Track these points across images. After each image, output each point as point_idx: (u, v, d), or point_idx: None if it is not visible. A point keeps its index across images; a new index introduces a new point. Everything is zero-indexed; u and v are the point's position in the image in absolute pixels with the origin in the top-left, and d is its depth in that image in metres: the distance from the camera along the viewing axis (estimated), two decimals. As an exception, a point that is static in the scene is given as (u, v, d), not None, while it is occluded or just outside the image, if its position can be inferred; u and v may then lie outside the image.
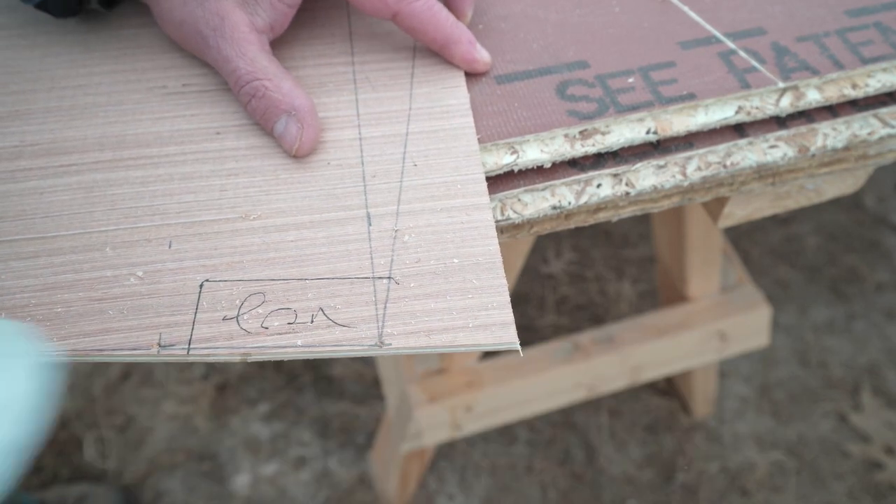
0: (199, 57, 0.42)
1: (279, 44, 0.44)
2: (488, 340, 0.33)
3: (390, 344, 0.33)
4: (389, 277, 0.35)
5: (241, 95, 0.40)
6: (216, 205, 0.38)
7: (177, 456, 1.14)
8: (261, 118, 0.39)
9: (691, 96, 0.43)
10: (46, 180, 0.38)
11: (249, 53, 0.39)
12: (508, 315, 0.34)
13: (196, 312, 0.33)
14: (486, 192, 0.38)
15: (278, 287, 0.35)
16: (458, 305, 0.34)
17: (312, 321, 0.33)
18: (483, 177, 0.39)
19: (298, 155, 0.39)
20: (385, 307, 0.34)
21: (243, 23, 0.39)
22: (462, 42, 0.43)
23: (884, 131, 0.46)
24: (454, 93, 0.43)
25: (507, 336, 0.33)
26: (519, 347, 0.33)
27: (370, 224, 0.37)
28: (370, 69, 0.44)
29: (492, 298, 0.34)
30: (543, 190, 0.42)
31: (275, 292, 0.34)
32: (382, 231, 0.37)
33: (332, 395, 1.21)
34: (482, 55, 0.43)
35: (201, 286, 0.35)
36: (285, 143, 0.39)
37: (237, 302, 0.34)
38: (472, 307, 0.34)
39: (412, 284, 0.35)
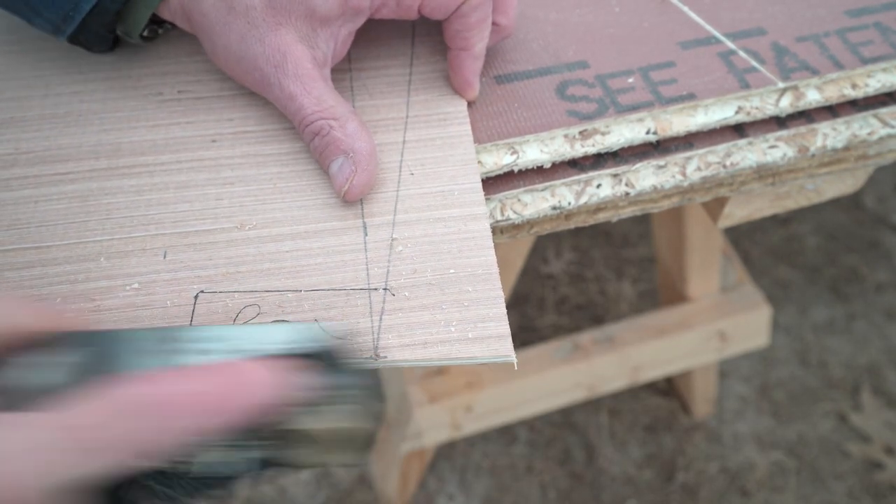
0: (259, 93, 0.40)
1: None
2: (484, 353, 0.33)
3: (385, 356, 0.32)
4: (385, 289, 0.35)
5: (304, 133, 0.38)
6: (211, 214, 0.37)
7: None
8: (319, 156, 0.38)
9: (691, 96, 0.43)
10: (41, 189, 0.38)
11: (315, 91, 0.38)
12: (505, 328, 0.33)
13: (191, 324, 0.33)
14: (484, 202, 0.38)
15: (273, 298, 0.34)
16: (455, 317, 0.34)
17: None
18: (480, 186, 0.38)
19: (347, 198, 0.37)
20: (381, 319, 0.34)
21: (306, 58, 0.38)
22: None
23: (884, 131, 0.45)
24: (451, 100, 0.42)
25: (504, 349, 0.33)
26: (515, 361, 0.32)
27: (366, 234, 0.36)
28: (367, 76, 0.43)
29: (488, 310, 0.34)
30: (543, 190, 0.42)
31: (270, 304, 0.34)
32: (378, 241, 0.36)
33: (332, 397, 1.21)
34: (476, 91, 0.43)
35: (196, 297, 0.34)
36: (336, 183, 0.37)
37: (232, 314, 0.34)
38: (469, 319, 0.34)
39: (408, 296, 0.34)
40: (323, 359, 0.27)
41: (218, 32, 0.38)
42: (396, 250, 0.36)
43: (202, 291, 0.34)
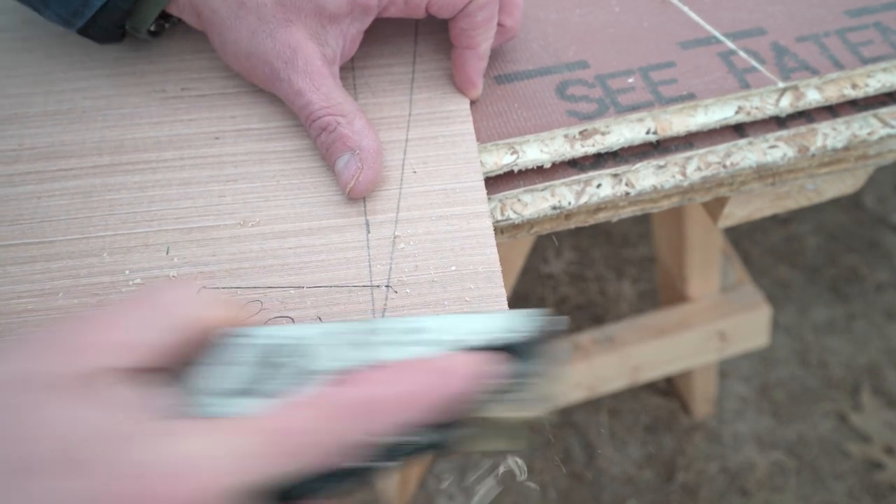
0: (267, 89, 0.41)
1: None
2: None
3: None
4: (388, 286, 0.35)
5: (311, 129, 0.39)
6: (214, 211, 0.37)
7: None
8: (326, 152, 0.39)
9: (691, 96, 0.43)
10: (44, 184, 0.38)
11: (324, 88, 0.38)
12: None
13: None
14: (486, 200, 0.38)
15: (276, 295, 0.34)
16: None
17: None
18: (483, 184, 0.39)
19: (352, 195, 0.38)
20: (383, 315, 0.34)
21: (316, 55, 0.38)
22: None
23: (884, 131, 0.45)
24: (454, 99, 0.42)
25: None
26: None
27: (369, 232, 0.37)
28: (370, 74, 0.44)
29: (490, 308, 0.34)
30: (543, 190, 0.42)
31: (272, 300, 0.34)
32: (381, 239, 0.36)
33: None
34: (479, 91, 0.43)
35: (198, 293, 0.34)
36: (342, 180, 0.38)
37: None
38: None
39: (410, 293, 0.35)
40: (515, 349, 0.27)
41: (228, 28, 0.39)
42: (399, 247, 0.36)
43: (205, 287, 0.34)
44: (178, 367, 0.26)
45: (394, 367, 0.26)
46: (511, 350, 0.27)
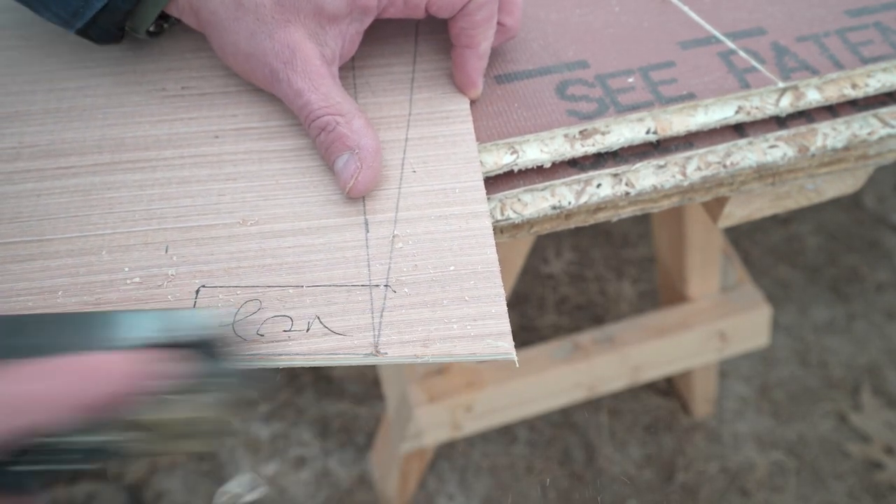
0: (266, 89, 0.41)
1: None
2: (485, 351, 0.33)
3: (386, 353, 0.33)
4: (387, 285, 0.35)
5: (311, 129, 0.39)
6: (214, 209, 0.37)
7: (177, 456, 1.14)
8: (325, 151, 0.39)
9: (691, 96, 0.43)
10: (44, 182, 0.38)
11: (322, 87, 0.38)
12: (505, 325, 0.34)
13: None
14: (485, 200, 0.38)
15: (275, 294, 0.34)
16: (455, 314, 0.34)
17: (308, 329, 0.33)
18: (482, 184, 0.39)
19: (351, 195, 0.38)
20: (381, 315, 0.34)
21: (314, 55, 0.38)
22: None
23: (884, 131, 0.45)
24: (454, 98, 0.43)
25: (504, 347, 0.33)
26: (515, 359, 0.33)
27: (368, 231, 0.37)
28: (370, 74, 0.44)
29: (489, 308, 0.34)
30: (543, 190, 0.42)
31: (271, 299, 0.34)
32: (380, 238, 0.36)
33: (332, 395, 1.21)
34: (479, 90, 0.43)
35: (197, 292, 0.34)
36: (341, 179, 0.38)
37: (233, 308, 0.34)
38: (470, 316, 0.34)
39: (409, 292, 0.35)
40: (198, 347, 0.27)
41: (227, 29, 0.39)
42: (398, 247, 0.36)
43: (203, 286, 0.34)
44: None
45: (32, 365, 0.25)
46: (193, 347, 0.26)
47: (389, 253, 0.36)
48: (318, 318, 0.33)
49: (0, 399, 0.23)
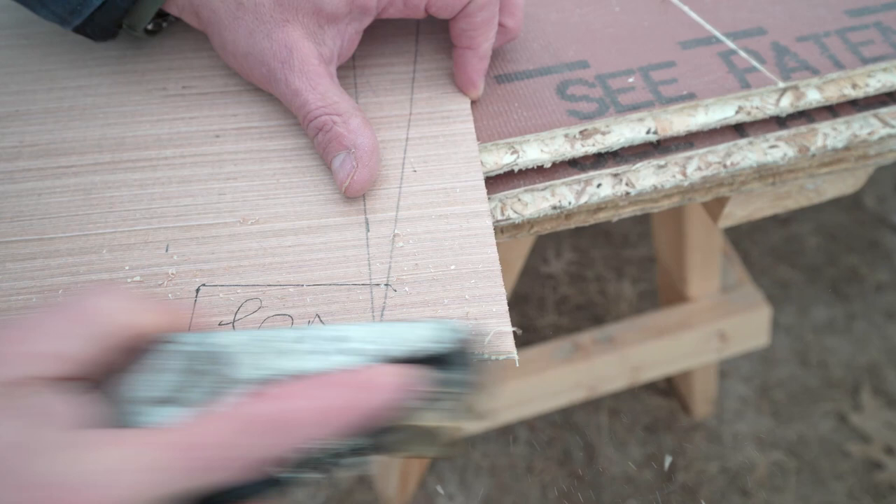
0: (264, 88, 0.41)
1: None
2: (486, 350, 0.33)
3: None
4: (387, 284, 0.35)
5: (308, 128, 0.39)
6: (214, 209, 0.37)
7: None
8: (323, 151, 0.39)
9: (691, 96, 0.43)
10: (45, 181, 0.38)
11: (320, 87, 0.38)
12: (506, 324, 0.34)
13: (192, 317, 0.33)
14: (486, 199, 0.38)
15: (275, 293, 0.34)
16: (456, 314, 0.34)
17: None
18: (483, 183, 0.39)
19: (348, 194, 0.38)
20: (382, 314, 0.34)
21: (312, 55, 0.38)
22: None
23: (884, 131, 0.45)
24: (455, 98, 0.43)
25: (505, 345, 0.33)
26: (517, 357, 0.33)
27: (368, 230, 0.37)
28: (371, 73, 0.44)
29: (490, 307, 0.34)
30: (543, 190, 0.42)
31: (271, 298, 0.34)
32: (381, 237, 0.36)
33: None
34: (480, 91, 0.43)
35: (198, 290, 0.34)
36: (337, 178, 0.38)
37: (233, 307, 0.34)
38: (471, 315, 0.34)
39: (409, 291, 0.35)
40: (440, 360, 0.27)
41: (227, 27, 0.39)
42: (398, 246, 0.36)
43: (204, 285, 0.35)
44: (104, 374, 0.26)
45: (311, 381, 0.25)
46: (435, 361, 0.27)
47: (390, 252, 0.36)
48: (319, 316, 0.34)
49: (279, 416, 0.24)
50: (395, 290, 0.35)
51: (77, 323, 0.25)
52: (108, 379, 0.26)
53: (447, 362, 0.27)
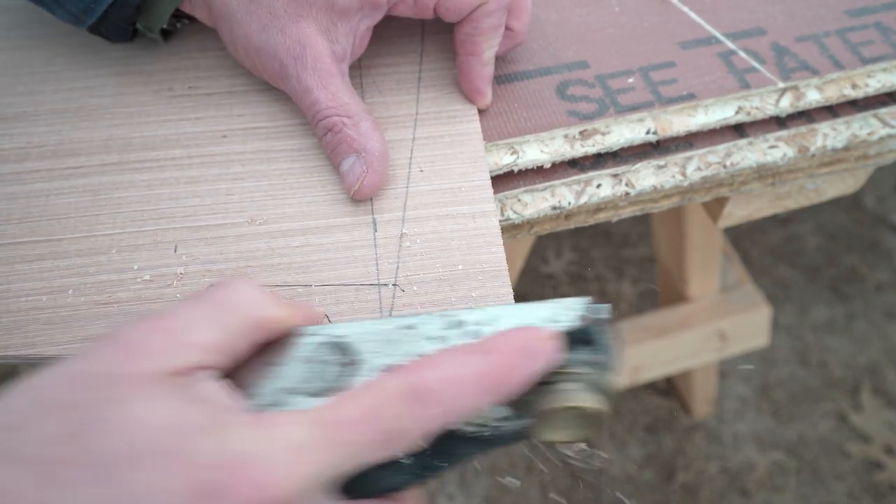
0: (275, 85, 0.41)
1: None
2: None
3: None
4: (395, 284, 0.35)
5: (318, 128, 0.39)
6: (222, 209, 0.38)
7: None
8: (331, 152, 0.39)
9: (691, 96, 0.44)
10: (53, 182, 0.39)
11: (331, 87, 0.38)
12: None
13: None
14: (493, 199, 0.38)
15: (283, 293, 0.35)
16: None
17: None
18: (489, 183, 0.39)
19: (356, 198, 0.38)
20: (390, 314, 0.34)
21: (325, 52, 0.38)
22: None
23: (884, 131, 0.46)
24: (461, 97, 0.43)
25: None
26: None
27: (376, 230, 0.37)
28: (377, 73, 0.44)
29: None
30: (543, 190, 0.42)
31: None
32: (388, 237, 0.37)
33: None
34: (488, 99, 0.43)
35: None
36: (346, 182, 0.38)
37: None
38: None
39: (417, 291, 0.35)
40: (580, 336, 0.26)
41: (239, 21, 0.39)
42: (406, 246, 0.36)
43: (212, 285, 0.35)
44: (235, 364, 0.26)
45: (466, 347, 0.25)
46: (575, 336, 0.26)
47: (397, 252, 0.36)
48: (327, 317, 0.34)
49: (441, 384, 0.24)
50: (403, 290, 0.35)
51: (224, 314, 0.26)
52: (247, 369, 0.27)
53: (581, 341, 0.26)
